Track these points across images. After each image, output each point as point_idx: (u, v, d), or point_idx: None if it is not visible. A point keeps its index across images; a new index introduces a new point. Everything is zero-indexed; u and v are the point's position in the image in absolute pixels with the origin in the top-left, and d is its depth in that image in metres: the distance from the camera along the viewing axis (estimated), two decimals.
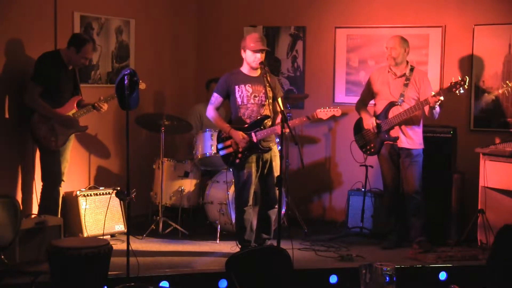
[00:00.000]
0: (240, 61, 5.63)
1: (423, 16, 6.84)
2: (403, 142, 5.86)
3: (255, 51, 5.42)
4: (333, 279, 5.25)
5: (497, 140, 6.33)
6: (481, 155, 5.96)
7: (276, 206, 5.65)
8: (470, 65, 6.62)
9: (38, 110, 5.55)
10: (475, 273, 5.15)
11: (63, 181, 5.80)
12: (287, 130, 4.98)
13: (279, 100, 5.61)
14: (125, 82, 4.72)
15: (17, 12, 5.76)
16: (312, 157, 7.33)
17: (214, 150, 6.35)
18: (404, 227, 6.09)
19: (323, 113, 5.50)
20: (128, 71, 4.78)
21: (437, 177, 6.17)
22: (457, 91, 5.59)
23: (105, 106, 5.85)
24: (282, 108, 5.50)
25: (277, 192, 5.29)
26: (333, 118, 5.68)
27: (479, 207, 5.92)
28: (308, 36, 7.35)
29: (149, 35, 7.23)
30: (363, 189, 6.59)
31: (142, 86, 6.06)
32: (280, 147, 5.54)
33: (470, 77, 6.58)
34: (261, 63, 5.45)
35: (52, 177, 5.68)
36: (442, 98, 5.57)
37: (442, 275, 5.36)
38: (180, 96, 7.69)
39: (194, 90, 7.81)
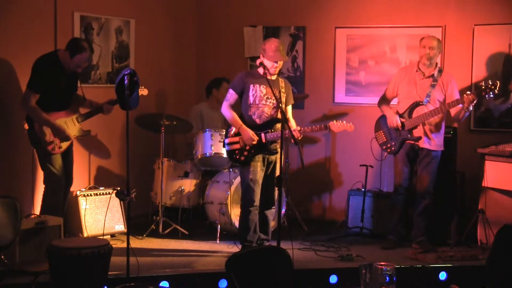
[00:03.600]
0: (240, 60, 5.64)
1: (423, 16, 6.84)
2: (425, 143, 5.84)
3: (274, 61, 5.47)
4: (333, 279, 5.25)
5: None
6: (481, 155, 5.96)
7: (273, 207, 5.67)
8: (470, 65, 6.62)
9: (33, 119, 5.45)
10: (475, 273, 5.16)
11: (71, 183, 5.78)
12: (298, 136, 5.03)
13: (289, 107, 5.67)
14: (125, 82, 4.72)
15: (17, 12, 5.76)
16: (312, 157, 7.33)
17: (214, 150, 6.35)
18: (405, 227, 6.10)
19: (336, 126, 5.54)
20: (128, 71, 4.78)
21: (437, 177, 6.17)
22: (486, 95, 5.57)
23: (111, 109, 5.85)
24: (290, 116, 5.62)
25: (276, 192, 5.29)
26: (334, 118, 5.69)
27: (479, 207, 5.93)
28: (308, 36, 7.35)
29: (149, 35, 7.23)
30: (363, 189, 6.59)
31: (144, 92, 6.08)
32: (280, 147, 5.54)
33: (470, 77, 6.60)
34: (260, 63, 5.47)
35: (55, 181, 5.60)
36: (475, 101, 5.56)
37: (442, 275, 5.37)
38: (180, 96, 7.69)
39: (194, 90, 7.81)
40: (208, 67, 7.71)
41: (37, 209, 5.73)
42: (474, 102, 5.57)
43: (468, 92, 5.62)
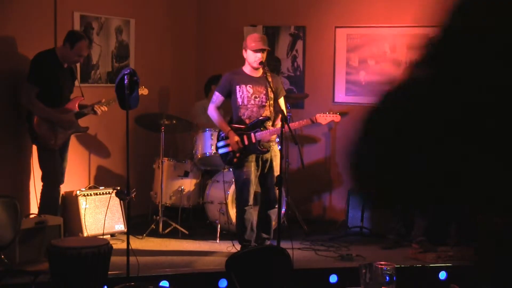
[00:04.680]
0: (241, 60, 5.64)
1: (423, 16, 6.83)
2: None
3: (255, 51, 5.43)
4: (333, 278, 5.25)
5: None
6: None
7: (276, 206, 5.66)
8: None
9: (34, 112, 5.50)
10: (475, 273, 5.15)
11: (63, 181, 5.80)
12: (287, 130, 4.99)
13: (281, 99, 5.63)
14: (125, 82, 4.72)
15: (17, 12, 5.76)
16: (312, 157, 7.33)
17: (214, 150, 6.35)
18: (404, 227, 6.09)
19: (323, 118, 5.54)
20: (128, 70, 4.78)
21: None
22: None
23: (104, 109, 5.86)
24: (283, 108, 5.53)
25: (277, 192, 5.29)
26: None
27: None
28: (308, 36, 7.35)
29: (149, 35, 7.23)
30: None
31: (144, 91, 6.08)
32: (280, 147, 5.54)
33: None
34: (261, 63, 5.46)
35: (52, 177, 5.67)
36: None
37: (442, 275, 5.37)
38: (180, 95, 7.69)
39: (194, 90, 7.80)
40: (208, 66, 7.70)
41: (37, 209, 5.73)
42: None
43: None
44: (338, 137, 7.24)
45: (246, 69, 5.57)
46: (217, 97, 5.61)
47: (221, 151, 5.65)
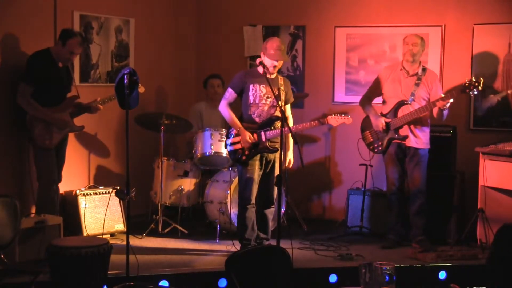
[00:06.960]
0: (240, 60, 5.64)
1: (423, 16, 6.84)
2: (412, 141, 5.86)
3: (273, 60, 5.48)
4: (333, 278, 5.25)
5: None
6: (481, 154, 5.96)
7: (273, 206, 5.68)
8: (470, 64, 6.62)
9: (29, 111, 5.52)
10: (475, 273, 5.16)
11: (60, 180, 5.80)
12: (287, 131, 5.00)
13: (288, 106, 5.69)
14: (125, 82, 4.72)
15: (16, 11, 5.77)
16: (312, 157, 7.33)
17: (213, 150, 6.36)
18: (404, 226, 6.10)
19: (334, 120, 5.55)
20: (128, 70, 4.78)
21: (437, 176, 6.17)
22: (470, 92, 5.58)
23: (100, 107, 5.86)
24: (288, 114, 5.58)
25: (275, 191, 5.30)
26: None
27: (478, 207, 5.93)
28: (308, 35, 7.35)
29: (149, 35, 7.23)
30: (362, 188, 6.59)
31: (141, 89, 6.08)
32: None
33: (470, 76, 6.60)
34: (260, 62, 5.48)
35: (47, 177, 5.65)
36: (451, 100, 5.57)
37: (442, 274, 5.37)
38: (180, 95, 7.69)
39: (194, 90, 7.81)
40: (208, 66, 7.70)
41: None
42: (448, 103, 5.57)
43: (443, 95, 5.64)
44: (338, 137, 7.25)
45: (261, 69, 5.58)
46: (230, 94, 5.62)
47: (230, 148, 5.65)
